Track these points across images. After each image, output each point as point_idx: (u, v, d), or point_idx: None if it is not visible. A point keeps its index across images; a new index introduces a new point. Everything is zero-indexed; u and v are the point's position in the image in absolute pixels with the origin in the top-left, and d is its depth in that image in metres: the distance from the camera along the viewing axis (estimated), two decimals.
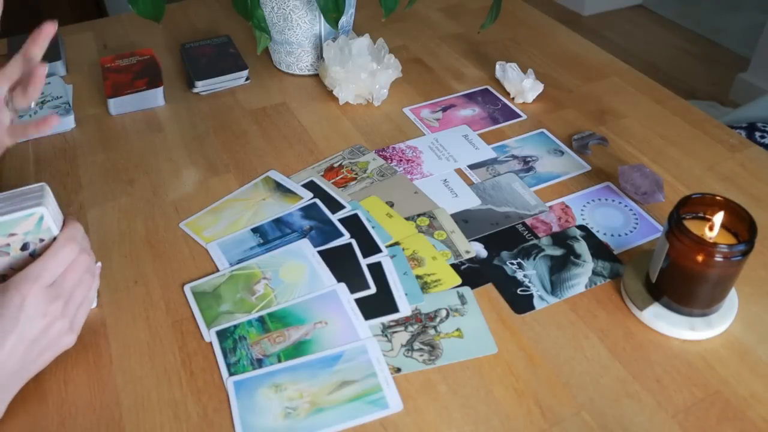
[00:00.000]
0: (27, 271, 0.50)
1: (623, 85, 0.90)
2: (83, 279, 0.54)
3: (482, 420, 0.50)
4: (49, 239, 0.52)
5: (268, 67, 0.96)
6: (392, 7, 0.82)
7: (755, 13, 2.66)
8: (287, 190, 0.72)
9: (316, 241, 0.66)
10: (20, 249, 0.52)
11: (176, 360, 0.55)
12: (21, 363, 0.49)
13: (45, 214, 0.51)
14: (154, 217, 0.70)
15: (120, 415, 0.51)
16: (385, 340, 0.56)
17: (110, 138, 0.82)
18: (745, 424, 0.49)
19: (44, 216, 0.51)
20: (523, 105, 0.87)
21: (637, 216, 0.68)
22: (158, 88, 0.87)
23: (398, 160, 0.77)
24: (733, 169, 0.74)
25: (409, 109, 0.86)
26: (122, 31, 1.08)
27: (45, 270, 0.50)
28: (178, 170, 0.77)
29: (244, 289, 0.61)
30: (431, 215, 0.69)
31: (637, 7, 2.87)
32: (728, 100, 2.19)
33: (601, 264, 0.62)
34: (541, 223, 0.67)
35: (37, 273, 0.50)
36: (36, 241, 0.52)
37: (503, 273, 0.62)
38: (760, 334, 0.56)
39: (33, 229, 0.51)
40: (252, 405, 0.51)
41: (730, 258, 0.51)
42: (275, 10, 0.86)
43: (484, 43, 1.02)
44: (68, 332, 0.53)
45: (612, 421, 0.50)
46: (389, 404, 0.51)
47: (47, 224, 0.51)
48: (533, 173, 0.74)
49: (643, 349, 0.55)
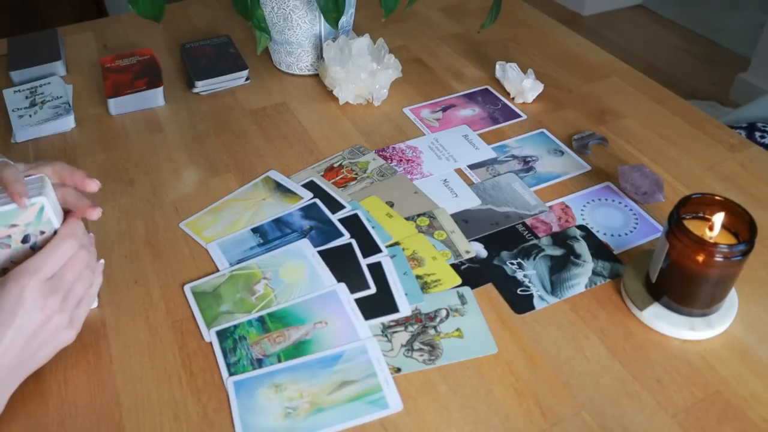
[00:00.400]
0: (26, 264, 0.50)
1: (623, 85, 0.90)
2: (83, 274, 0.54)
3: (482, 420, 0.50)
4: (49, 232, 0.52)
5: (268, 67, 0.96)
6: (392, 7, 0.82)
7: (755, 13, 2.65)
8: (287, 190, 0.72)
9: (316, 241, 0.66)
10: (21, 241, 0.52)
11: (176, 360, 0.55)
12: (20, 357, 0.49)
13: (45, 204, 0.51)
14: (154, 217, 0.70)
15: (120, 415, 0.51)
16: (385, 340, 0.56)
17: (110, 138, 0.82)
18: (745, 424, 0.49)
19: (45, 206, 0.51)
20: (523, 105, 0.87)
21: (637, 216, 0.68)
22: (158, 88, 0.87)
23: (398, 160, 0.77)
24: (733, 169, 0.74)
25: (409, 109, 0.86)
26: (122, 31, 1.08)
27: (44, 263, 0.50)
28: (178, 170, 0.77)
29: (244, 289, 0.61)
30: (431, 215, 0.69)
31: (637, 7, 2.87)
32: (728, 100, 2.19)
33: (601, 264, 0.62)
34: (541, 223, 0.67)
35: (36, 266, 0.50)
36: (37, 233, 0.52)
37: (503, 273, 0.62)
38: (760, 334, 0.56)
39: (34, 220, 0.51)
40: (252, 405, 0.51)
41: (730, 258, 0.51)
42: (275, 10, 0.86)
43: (484, 43, 1.02)
44: (68, 327, 0.52)
45: (612, 421, 0.50)
46: (389, 404, 0.51)
47: (48, 215, 0.51)
48: (533, 173, 0.74)
49: (643, 349, 0.55)
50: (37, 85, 0.89)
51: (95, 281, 0.57)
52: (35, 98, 0.87)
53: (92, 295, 0.56)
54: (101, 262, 0.58)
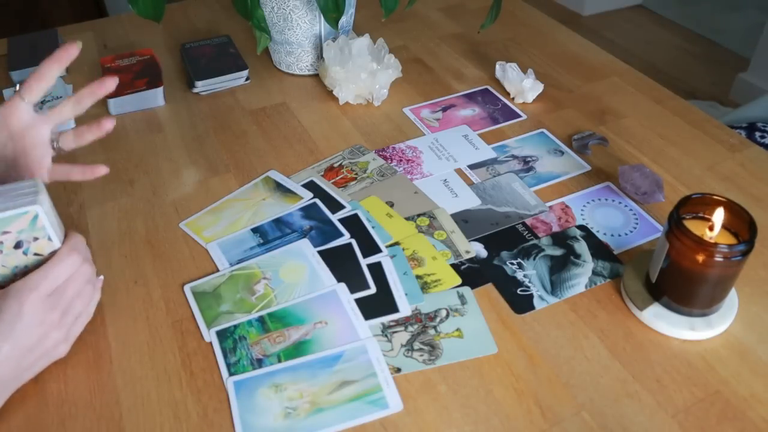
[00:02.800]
0: (27, 279, 0.49)
1: (623, 85, 0.90)
2: (84, 291, 0.54)
3: (482, 420, 0.50)
4: (43, 238, 0.52)
5: (268, 67, 0.96)
6: (392, 7, 0.82)
7: (755, 13, 2.65)
8: (287, 190, 0.72)
9: (316, 241, 0.66)
10: (13, 247, 0.51)
11: (176, 360, 0.55)
12: (15, 371, 0.49)
13: (39, 213, 0.50)
14: (154, 217, 0.70)
15: (120, 415, 0.51)
16: (385, 340, 0.56)
17: (110, 138, 0.82)
18: (745, 424, 0.49)
19: (39, 214, 0.50)
20: (523, 105, 0.87)
21: (637, 216, 0.68)
22: (158, 88, 0.87)
23: (398, 160, 0.77)
24: (733, 169, 0.74)
25: (409, 109, 0.86)
26: (122, 31, 1.08)
27: (45, 279, 0.50)
28: (178, 170, 0.77)
29: (244, 289, 0.61)
30: (431, 215, 0.69)
31: (637, 7, 2.87)
32: (728, 100, 2.19)
33: (601, 264, 0.62)
34: (541, 223, 0.67)
35: (37, 282, 0.49)
36: (30, 240, 0.51)
37: (503, 273, 0.62)
38: (760, 334, 0.56)
39: (27, 227, 0.50)
40: (252, 405, 0.51)
41: (730, 258, 0.51)
42: (275, 10, 0.86)
43: (484, 43, 1.02)
44: (62, 342, 0.52)
45: (612, 421, 0.50)
46: (389, 404, 0.51)
47: (42, 223, 0.51)
48: (533, 173, 0.74)
49: (643, 349, 0.55)
50: None
51: (94, 297, 0.56)
52: None
53: (90, 312, 0.56)
54: (101, 278, 0.58)
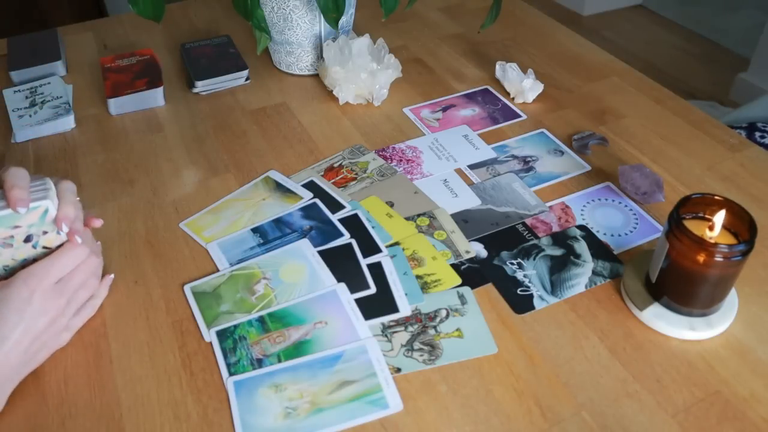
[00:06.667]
0: (35, 267, 0.51)
1: (623, 85, 0.90)
2: (88, 282, 0.56)
3: (482, 420, 0.50)
4: (52, 231, 0.53)
5: (268, 67, 0.96)
6: (392, 7, 0.82)
7: (755, 13, 2.65)
8: (287, 190, 0.72)
9: (316, 241, 0.66)
10: (23, 241, 0.53)
11: (176, 360, 0.55)
12: (24, 357, 0.50)
13: (50, 208, 0.52)
14: (154, 217, 0.70)
15: (120, 415, 0.51)
16: (385, 340, 0.56)
17: (110, 138, 0.82)
18: (745, 424, 0.49)
19: (49, 209, 0.52)
20: (523, 105, 0.87)
21: (637, 216, 0.68)
22: (158, 88, 0.87)
23: (398, 160, 0.77)
24: (733, 169, 0.74)
25: (409, 109, 0.86)
26: (122, 31, 1.08)
27: (53, 267, 0.52)
28: (178, 170, 0.77)
29: (244, 289, 0.61)
30: (431, 215, 0.69)
31: (637, 7, 2.87)
32: (728, 100, 2.19)
33: (601, 264, 0.62)
34: (541, 223, 0.67)
35: (46, 270, 0.51)
36: (39, 233, 0.53)
37: (503, 273, 0.62)
38: (760, 334, 0.56)
39: (37, 221, 0.52)
40: (252, 405, 0.51)
41: (730, 258, 0.51)
42: (275, 10, 0.86)
43: (484, 43, 1.02)
44: (65, 330, 0.54)
45: (612, 421, 0.50)
46: (389, 404, 0.51)
47: (51, 217, 0.53)
48: (533, 173, 0.74)
49: (643, 349, 0.55)
50: (37, 85, 0.89)
51: (100, 293, 0.59)
52: (35, 98, 0.87)
53: (94, 306, 0.58)
54: (111, 276, 0.59)
